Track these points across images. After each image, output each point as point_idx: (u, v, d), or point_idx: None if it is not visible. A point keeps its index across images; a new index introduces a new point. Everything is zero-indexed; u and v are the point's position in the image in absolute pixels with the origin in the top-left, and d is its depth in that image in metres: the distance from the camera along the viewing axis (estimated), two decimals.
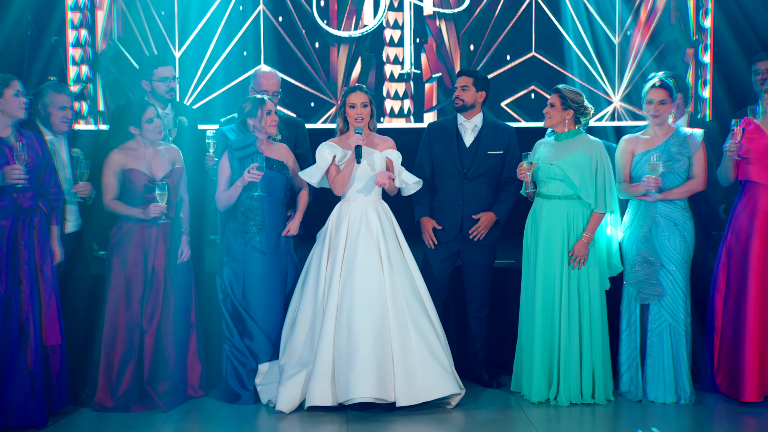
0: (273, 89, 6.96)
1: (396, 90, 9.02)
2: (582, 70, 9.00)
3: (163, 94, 6.85)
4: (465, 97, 6.77)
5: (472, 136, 6.81)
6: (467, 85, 6.77)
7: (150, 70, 6.86)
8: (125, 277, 6.33)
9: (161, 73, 6.85)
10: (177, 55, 8.87)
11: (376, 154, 6.48)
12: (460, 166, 6.75)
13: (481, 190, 6.76)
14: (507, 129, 6.89)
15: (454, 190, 6.74)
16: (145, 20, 8.82)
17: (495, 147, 6.78)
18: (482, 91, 6.81)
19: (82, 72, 8.83)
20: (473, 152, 6.77)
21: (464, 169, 6.75)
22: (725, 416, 6.23)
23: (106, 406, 6.28)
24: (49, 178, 6.09)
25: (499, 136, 6.82)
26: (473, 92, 6.77)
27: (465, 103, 6.77)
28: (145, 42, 8.80)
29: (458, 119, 6.86)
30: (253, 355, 6.48)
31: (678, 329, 6.41)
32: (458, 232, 6.75)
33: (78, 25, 8.80)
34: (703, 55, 8.96)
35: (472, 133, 6.81)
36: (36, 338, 5.93)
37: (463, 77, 6.81)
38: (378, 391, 6.11)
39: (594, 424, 6.12)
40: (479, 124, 6.83)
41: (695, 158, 6.45)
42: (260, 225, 6.46)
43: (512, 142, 6.83)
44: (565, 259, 6.42)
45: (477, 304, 6.83)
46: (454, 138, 6.80)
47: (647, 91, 6.46)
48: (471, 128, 6.82)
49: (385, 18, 8.96)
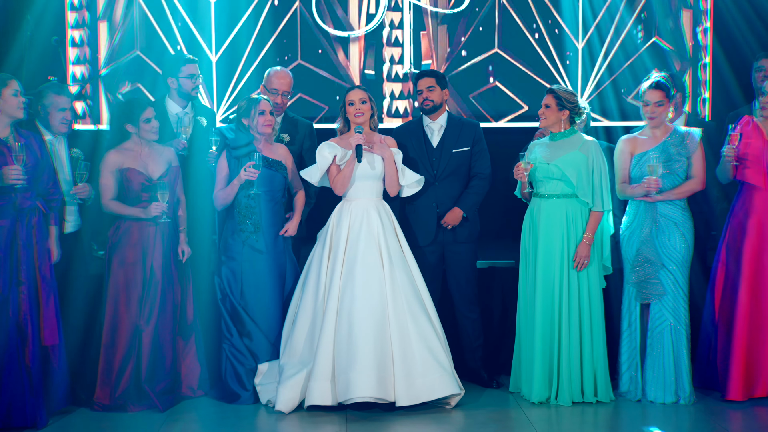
0: (284, 89, 6.98)
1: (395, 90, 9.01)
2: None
3: (189, 91, 6.92)
4: (433, 97, 6.77)
5: (439, 136, 6.81)
6: (432, 86, 6.77)
7: (178, 67, 6.91)
8: (124, 277, 6.34)
9: (188, 70, 6.90)
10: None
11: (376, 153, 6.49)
12: (430, 168, 6.75)
13: (453, 189, 6.76)
14: (472, 124, 6.90)
15: (426, 193, 6.72)
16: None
17: (460, 144, 6.78)
18: (445, 88, 6.83)
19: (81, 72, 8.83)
20: (440, 152, 6.77)
21: (434, 170, 6.75)
22: (725, 417, 6.22)
23: (105, 405, 6.29)
24: (48, 179, 6.09)
25: (465, 132, 6.81)
26: (439, 91, 6.78)
27: (435, 103, 6.77)
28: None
29: (424, 121, 6.86)
30: (253, 355, 6.48)
31: (679, 329, 6.41)
32: (435, 234, 6.75)
33: (77, 26, 8.80)
34: (704, 55, 8.96)
35: (439, 134, 6.81)
36: (34, 338, 5.94)
37: (426, 78, 6.80)
38: (378, 391, 6.11)
39: (594, 425, 6.11)
40: (444, 123, 6.83)
41: (694, 158, 6.45)
42: (257, 224, 6.46)
43: (478, 136, 6.83)
44: (565, 258, 6.41)
45: (465, 304, 6.83)
46: (422, 139, 6.80)
47: (643, 93, 6.45)
48: (437, 129, 6.82)
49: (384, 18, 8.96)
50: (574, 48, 8.99)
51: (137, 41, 8.89)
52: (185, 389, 6.56)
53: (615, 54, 8.97)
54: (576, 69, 8.98)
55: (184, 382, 6.56)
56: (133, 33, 8.88)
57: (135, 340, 6.32)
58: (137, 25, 8.88)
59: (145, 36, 8.91)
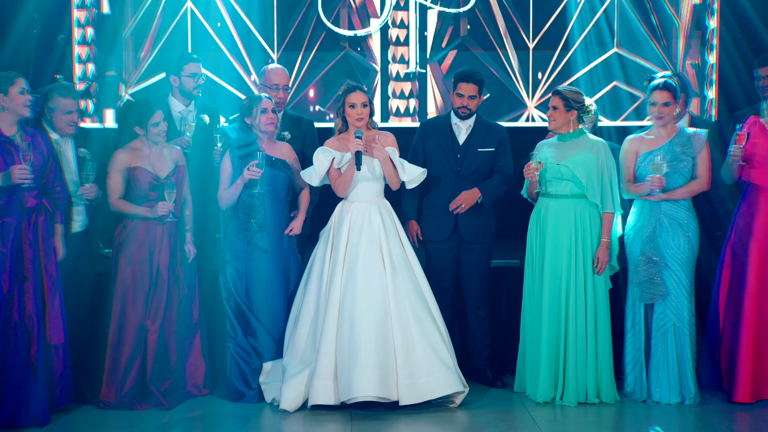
0: (284, 83, 7.01)
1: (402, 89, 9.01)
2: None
3: (190, 90, 6.91)
4: (472, 105, 6.75)
5: (466, 134, 6.81)
6: (475, 95, 6.73)
7: (180, 66, 6.91)
8: (131, 276, 6.34)
9: (190, 69, 6.90)
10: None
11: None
12: (454, 164, 6.76)
13: (473, 188, 6.75)
14: (498, 128, 6.90)
15: (447, 189, 6.74)
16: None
17: (486, 144, 6.79)
18: (482, 95, 6.83)
19: (88, 70, 8.84)
20: (465, 149, 6.77)
21: (458, 167, 6.75)
22: (730, 417, 6.21)
23: (110, 403, 6.30)
24: (54, 177, 6.09)
25: (491, 134, 6.82)
26: (478, 100, 6.77)
27: (471, 111, 6.76)
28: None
29: (452, 119, 6.86)
30: (257, 354, 6.49)
31: (682, 329, 6.41)
32: (452, 231, 6.76)
33: (84, 24, 8.81)
34: (709, 55, 8.95)
35: (466, 132, 6.81)
36: (39, 337, 5.94)
37: (471, 85, 6.71)
38: (381, 390, 6.11)
39: (598, 425, 6.11)
40: (472, 124, 6.83)
41: (699, 158, 6.44)
42: (261, 223, 6.46)
43: (503, 140, 6.84)
44: (572, 258, 6.41)
45: (476, 303, 6.83)
46: (448, 136, 6.81)
47: (650, 93, 6.45)
48: (465, 128, 6.82)
49: (390, 17, 8.95)
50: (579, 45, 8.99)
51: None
52: (190, 388, 6.56)
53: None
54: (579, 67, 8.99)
55: (189, 380, 6.57)
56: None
57: (141, 339, 6.33)
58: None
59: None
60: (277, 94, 6.91)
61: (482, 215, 6.78)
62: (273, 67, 7.12)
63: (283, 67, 7.14)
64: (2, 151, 5.86)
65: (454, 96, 6.77)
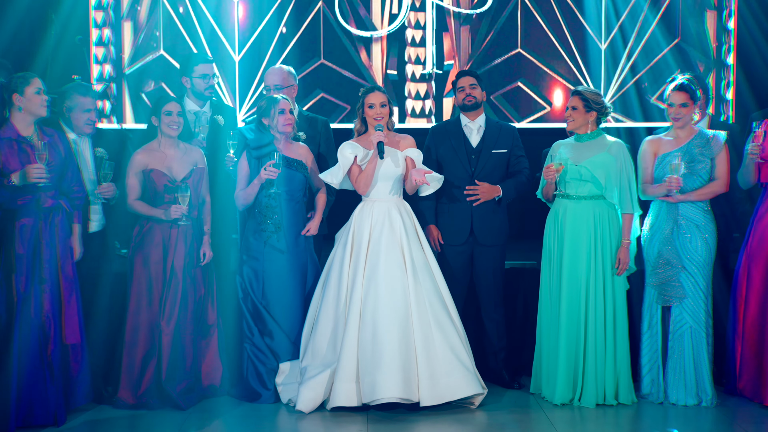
0: (289, 81, 6.99)
1: (418, 90, 9.02)
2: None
3: (202, 91, 6.90)
4: (476, 94, 6.80)
5: (478, 136, 6.81)
6: (474, 84, 6.81)
7: (191, 67, 6.90)
8: (147, 276, 6.35)
9: (201, 70, 6.88)
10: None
11: (398, 153, 6.47)
12: (468, 167, 6.75)
13: None
14: (510, 128, 6.92)
15: (462, 192, 6.73)
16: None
17: (499, 146, 6.80)
18: (484, 90, 6.85)
19: (105, 71, 8.87)
20: (479, 151, 6.76)
21: (472, 169, 6.74)
22: (747, 419, 6.19)
23: (128, 403, 6.31)
24: (72, 177, 6.10)
25: (503, 134, 6.83)
26: (480, 90, 6.81)
27: (476, 100, 6.80)
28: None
29: (462, 120, 6.86)
30: (274, 354, 6.49)
31: (699, 332, 6.38)
32: (468, 234, 6.74)
33: (102, 24, 8.84)
34: (727, 56, 8.92)
35: (478, 134, 6.82)
36: (56, 337, 5.96)
37: (468, 77, 6.85)
38: (403, 391, 6.11)
39: (615, 426, 6.10)
40: (483, 124, 6.84)
41: (718, 160, 6.41)
42: (278, 223, 6.46)
43: (516, 140, 6.86)
44: (591, 259, 6.39)
45: (491, 305, 6.82)
46: (461, 139, 6.80)
47: (668, 94, 6.43)
48: (476, 129, 6.82)
49: (407, 18, 8.96)
50: (597, 48, 8.97)
51: (161, 41, 8.91)
52: (206, 388, 6.57)
53: (638, 55, 8.94)
54: (599, 69, 8.96)
55: (205, 381, 6.57)
56: (158, 32, 8.91)
57: (155, 340, 6.34)
58: (161, 25, 8.91)
59: (169, 36, 8.94)
60: (288, 93, 6.90)
61: (496, 217, 6.77)
62: (274, 68, 7.13)
63: (282, 68, 7.11)
64: (19, 151, 5.87)
65: (457, 94, 6.85)
